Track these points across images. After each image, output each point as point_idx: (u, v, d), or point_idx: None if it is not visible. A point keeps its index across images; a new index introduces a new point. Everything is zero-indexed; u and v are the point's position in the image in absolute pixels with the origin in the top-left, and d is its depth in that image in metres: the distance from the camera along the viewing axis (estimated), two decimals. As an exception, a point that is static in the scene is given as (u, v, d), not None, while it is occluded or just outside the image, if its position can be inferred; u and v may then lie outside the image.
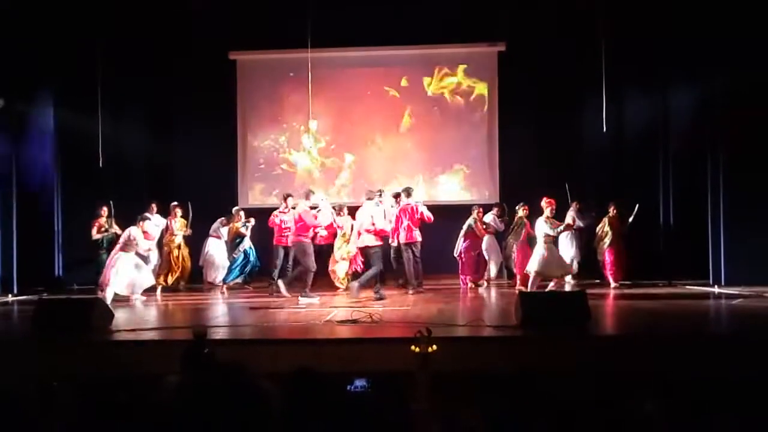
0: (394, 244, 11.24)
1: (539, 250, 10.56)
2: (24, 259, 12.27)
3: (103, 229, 11.94)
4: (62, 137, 12.93)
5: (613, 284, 11.51)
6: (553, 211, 10.69)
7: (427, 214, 11.08)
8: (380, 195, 11.26)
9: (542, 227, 10.59)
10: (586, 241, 12.46)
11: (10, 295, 11.66)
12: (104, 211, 11.90)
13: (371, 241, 10.41)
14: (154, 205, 12.39)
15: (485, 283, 11.98)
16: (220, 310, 10.02)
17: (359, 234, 10.58)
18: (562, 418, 3.17)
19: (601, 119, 10.79)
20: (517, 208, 11.73)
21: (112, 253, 10.65)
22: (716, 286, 11.15)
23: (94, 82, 11.60)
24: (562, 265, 10.95)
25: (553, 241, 10.80)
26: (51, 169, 12.94)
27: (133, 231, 10.61)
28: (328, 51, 13.31)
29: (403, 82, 14.32)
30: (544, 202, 10.77)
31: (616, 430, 3.27)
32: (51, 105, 12.82)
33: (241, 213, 12.29)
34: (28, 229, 12.45)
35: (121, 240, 10.63)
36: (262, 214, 12.30)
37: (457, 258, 11.80)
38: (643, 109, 12.79)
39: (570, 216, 11.66)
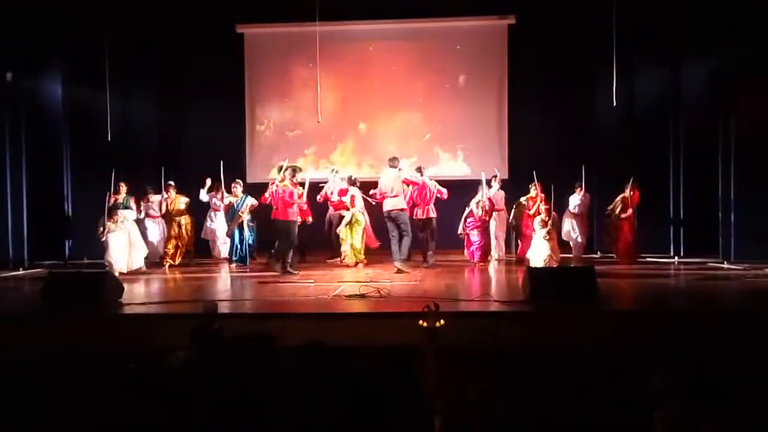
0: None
1: (538, 244, 10.67)
2: (34, 233, 12.34)
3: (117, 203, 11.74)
4: (71, 111, 12.92)
5: (622, 262, 11.47)
6: (548, 212, 10.79)
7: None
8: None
9: (538, 230, 10.76)
10: (597, 214, 12.49)
11: (20, 269, 11.75)
12: (122, 188, 11.74)
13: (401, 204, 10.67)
14: (150, 193, 12.40)
15: (493, 260, 11.97)
16: (228, 285, 10.07)
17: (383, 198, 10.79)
18: (569, 391, 3.18)
19: (612, 93, 10.69)
20: (530, 186, 11.53)
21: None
22: (726, 262, 11.11)
23: (101, 56, 11.54)
24: (557, 250, 11.03)
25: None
26: (60, 143, 12.95)
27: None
28: (336, 24, 13.20)
29: (413, 56, 14.21)
30: (542, 207, 10.93)
31: (623, 403, 3.29)
32: (59, 79, 12.80)
33: (238, 187, 11.88)
34: (38, 204, 12.50)
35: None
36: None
37: (461, 235, 11.74)
38: (653, 83, 12.64)
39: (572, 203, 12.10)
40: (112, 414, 2.99)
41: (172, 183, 12.14)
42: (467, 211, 11.58)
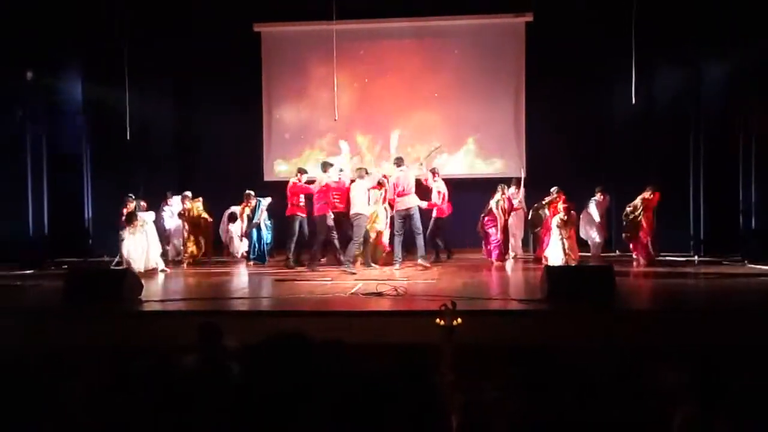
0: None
1: (556, 242, 10.63)
2: (55, 230, 12.47)
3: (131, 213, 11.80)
4: (90, 111, 13.05)
5: (642, 261, 11.37)
6: (567, 211, 10.76)
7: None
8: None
9: (555, 230, 10.78)
10: (616, 213, 12.41)
11: (41, 266, 11.86)
12: (130, 202, 11.79)
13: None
14: (170, 196, 12.50)
15: (511, 258, 11.92)
16: (246, 283, 10.13)
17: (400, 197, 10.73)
18: (586, 390, 3.17)
19: (630, 91, 10.61)
20: (552, 191, 11.48)
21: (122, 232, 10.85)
22: (746, 261, 10.99)
23: (121, 55, 11.67)
24: (576, 249, 10.99)
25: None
26: (80, 142, 13.08)
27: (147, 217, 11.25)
28: (353, 23, 13.22)
29: (430, 54, 14.20)
30: (560, 206, 10.90)
31: (640, 402, 3.27)
32: (79, 79, 12.94)
33: (252, 200, 12.08)
34: (59, 201, 12.64)
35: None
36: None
37: (480, 232, 11.71)
38: (673, 81, 12.50)
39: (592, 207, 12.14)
40: (121, 412, 3.02)
41: (188, 194, 12.23)
42: (486, 209, 11.54)
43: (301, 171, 11.56)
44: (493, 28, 14.10)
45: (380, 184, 11.11)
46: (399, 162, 10.98)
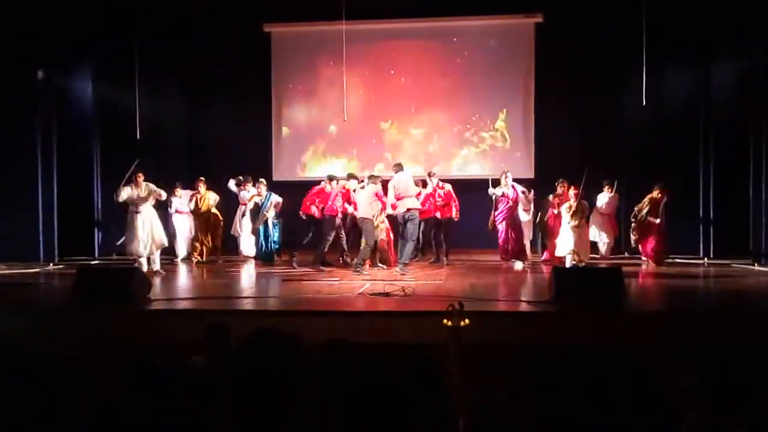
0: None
1: (566, 233, 10.58)
2: (64, 229, 12.52)
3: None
4: (101, 110, 13.08)
5: (650, 264, 11.29)
6: (577, 198, 10.68)
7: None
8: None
9: (565, 216, 10.74)
10: (625, 214, 12.34)
11: (51, 265, 11.92)
12: (140, 179, 11.71)
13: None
14: (179, 187, 12.48)
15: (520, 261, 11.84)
16: (254, 282, 10.14)
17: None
18: (594, 393, 3.16)
19: (641, 93, 10.55)
20: (557, 184, 11.46)
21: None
22: (756, 264, 10.93)
23: (131, 55, 11.70)
24: (587, 248, 10.94)
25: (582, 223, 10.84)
26: (90, 142, 13.11)
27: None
28: (362, 23, 13.19)
29: (439, 55, 14.17)
30: (571, 192, 10.83)
31: (649, 405, 3.26)
32: (90, 78, 12.95)
33: (263, 187, 11.94)
34: (69, 200, 12.68)
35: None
36: (296, 188, 12.35)
37: (492, 228, 11.59)
38: (683, 82, 12.43)
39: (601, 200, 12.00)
40: (129, 411, 3.02)
41: (202, 178, 12.24)
42: (494, 200, 11.33)
43: (332, 178, 11.31)
44: (503, 29, 14.06)
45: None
46: (398, 168, 10.89)
